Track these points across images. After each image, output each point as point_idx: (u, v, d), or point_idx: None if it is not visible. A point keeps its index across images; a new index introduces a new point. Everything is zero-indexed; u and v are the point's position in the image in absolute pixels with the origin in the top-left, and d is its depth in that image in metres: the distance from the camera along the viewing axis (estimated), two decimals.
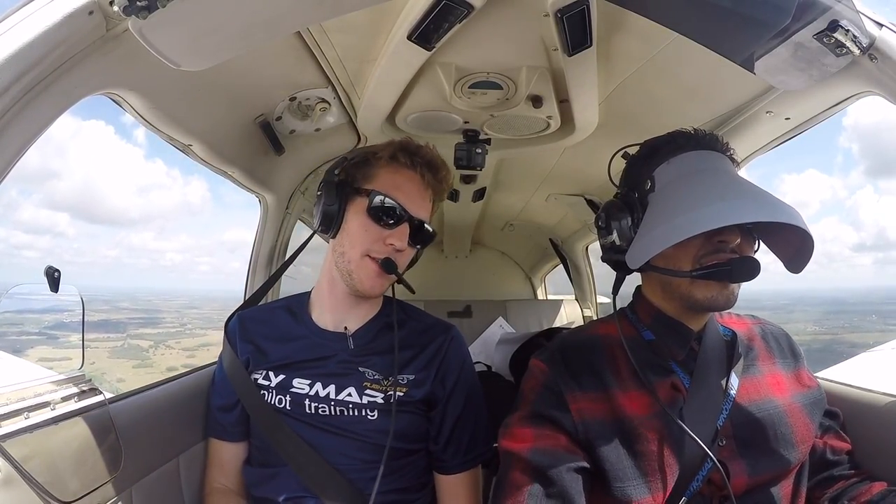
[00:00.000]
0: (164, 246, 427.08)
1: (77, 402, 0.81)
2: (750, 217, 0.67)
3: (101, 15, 0.63)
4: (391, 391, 0.93)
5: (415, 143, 0.99)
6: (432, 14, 0.81)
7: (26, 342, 1.52)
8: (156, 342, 54.75)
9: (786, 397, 0.79)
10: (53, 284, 0.79)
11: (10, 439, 0.65)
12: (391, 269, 0.92)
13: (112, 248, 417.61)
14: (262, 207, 1.47)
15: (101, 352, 49.34)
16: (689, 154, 0.77)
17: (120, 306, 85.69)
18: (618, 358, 0.79)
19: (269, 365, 0.96)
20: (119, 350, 51.95)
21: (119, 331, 60.38)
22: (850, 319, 61.88)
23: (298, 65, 1.04)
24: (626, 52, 0.99)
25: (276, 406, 0.93)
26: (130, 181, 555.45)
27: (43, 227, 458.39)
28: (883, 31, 0.67)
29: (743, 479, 0.72)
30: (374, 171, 0.95)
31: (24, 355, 1.71)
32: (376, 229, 0.92)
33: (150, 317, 73.03)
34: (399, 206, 0.92)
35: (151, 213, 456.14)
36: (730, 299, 0.74)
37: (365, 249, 0.92)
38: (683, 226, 0.68)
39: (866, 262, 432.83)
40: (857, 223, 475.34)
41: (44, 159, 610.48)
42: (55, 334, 1.15)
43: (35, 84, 0.60)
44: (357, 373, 0.94)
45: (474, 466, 1.00)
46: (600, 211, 0.82)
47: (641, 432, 0.72)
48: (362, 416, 0.92)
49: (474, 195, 1.97)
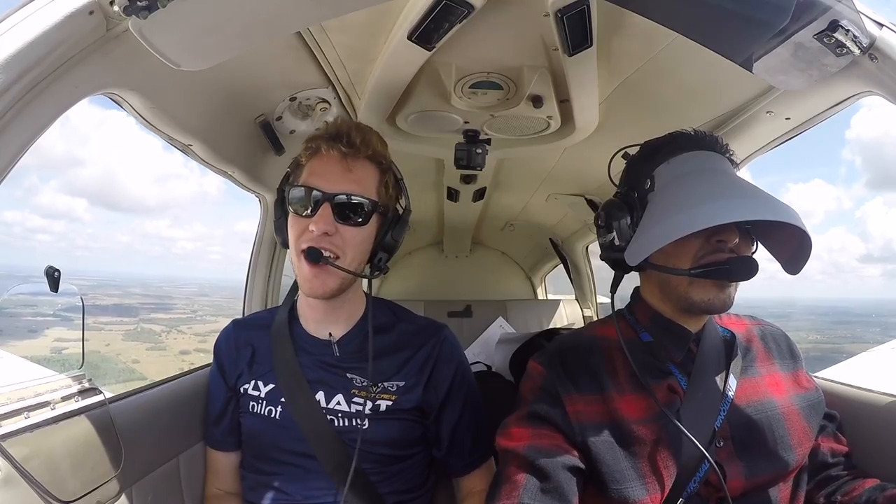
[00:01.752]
0: (177, 234, 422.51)
1: (77, 401, 0.81)
2: (749, 215, 0.68)
3: (101, 15, 0.63)
4: (379, 400, 0.91)
5: (327, 124, 0.92)
6: (432, 14, 0.81)
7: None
8: (168, 327, 54.93)
9: (784, 399, 0.79)
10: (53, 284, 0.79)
11: (10, 439, 0.65)
12: (314, 256, 0.84)
13: (125, 235, 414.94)
14: (263, 207, 1.47)
15: (115, 334, 49.63)
16: (688, 154, 0.78)
17: (131, 291, 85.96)
18: (615, 360, 0.79)
19: (257, 375, 0.95)
20: (133, 333, 52.09)
21: (132, 315, 60.48)
22: (853, 330, 61.92)
23: (298, 65, 1.04)
24: (627, 52, 0.99)
25: (267, 416, 0.92)
26: (150, 170, 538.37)
27: (59, 212, 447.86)
28: (883, 31, 0.67)
29: (740, 481, 0.72)
30: (300, 170, 0.91)
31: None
32: (300, 222, 0.86)
33: (162, 302, 73.22)
34: (311, 188, 0.85)
35: (168, 201, 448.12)
36: (726, 302, 0.74)
37: (297, 246, 0.87)
38: (683, 223, 0.69)
39: (874, 274, 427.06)
40: (864, 234, 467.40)
41: (68, 147, 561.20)
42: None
43: (35, 84, 0.60)
44: (345, 379, 0.92)
45: (484, 462, 0.98)
46: (600, 210, 0.82)
47: (638, 434, 0.73)
48: (353, 425, 0.89)
49: (474, 195, 1.97)
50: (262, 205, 1.47)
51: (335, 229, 0.85)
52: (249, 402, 0.94)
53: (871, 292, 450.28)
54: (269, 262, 1.50)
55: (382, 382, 0.92)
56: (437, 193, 2.03)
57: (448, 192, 1.94)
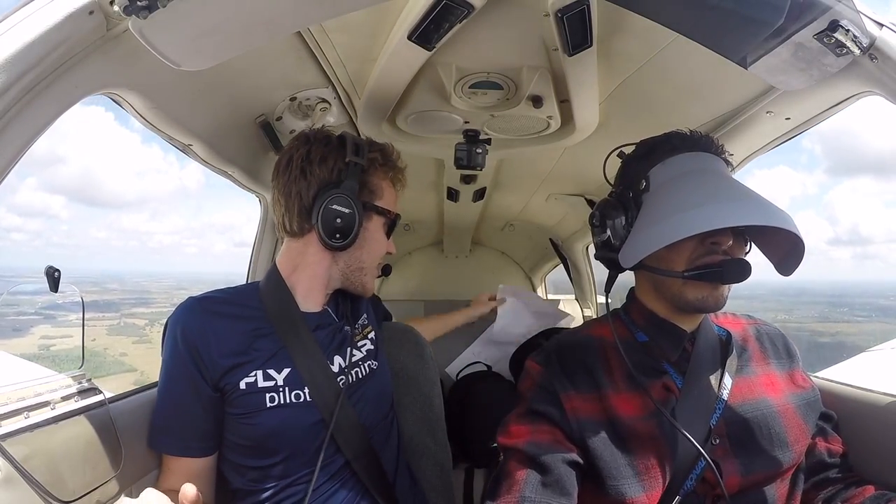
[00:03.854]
0: (154, 228, 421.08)
1: (77, 401, 0.81)
2: (742, 220, 0.68)
3: (101, 15, 0.63)
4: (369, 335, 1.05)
5: (394, 153, 1.04)
6: (432, 14, 0.81)
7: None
8: (150, 320, 55.10)
9: (780, 397, 0.79)
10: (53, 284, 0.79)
11: (9, 439, 0.65)
12: (389, 272, 1.06)
13: (102, 231, 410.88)
14: (263, 207, 1.47)
15: (99, 329, 49.99)
16: (684, 155, 0.78)
17: (109, 287, 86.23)
18: (611, 359, 0.80)
19: (260, 364, 0.88)
20: (117, 328, 52.44)
21: (113, 310, 60.80)
22: (820, 310, 62.74)
23: (298, 65, 1.04)
24: (627, 52, 0.99)
25: (297, 402, 0.87)
26: (129, 165, 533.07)
27: (36, 210, 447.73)
28: (883, 31, 0.67)
29: (736, 479, 0.72)
30: (374, 182, 0.99)
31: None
32: (384, 242, 1.02)
33: (141, 297, 73.60)
34: (398, 220, 1.03)
35: (147, 196, 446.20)
36: (719, 301, 0.75)
37: (378, 262, 1.02)
38: (676, 227, 0.69)
39: (845, 256, 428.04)
40: (832, 218, 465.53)
41: (49, 145, 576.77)
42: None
43: (35, 84, 0.60)
44: (343, 333, 1.00)
45: None
46: (595, 209, 0.82)
47: (634, 432, 0.73)
48: (359, 378, 0.97)
49: (474, 195, 1.97)
50: (263, 205, 1.47)
51: None
52: (266, 396, 0.86)
53: (841, 274, 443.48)
54: (270, 261, 1.49)
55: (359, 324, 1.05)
56: (437, 193, 2.03)
57: (448, 192, 1.95)
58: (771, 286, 15.61)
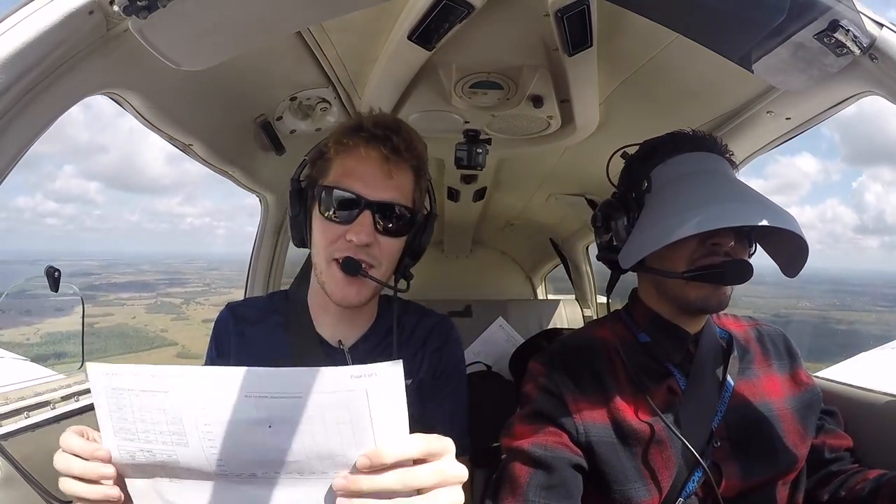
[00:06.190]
0: (186, 211, 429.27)
1: (77, 401, 0.81)
2: (743, 221, 0.68)
3: (101, 15, 0.63)
4: None
5: (363, 117, 0.83)
6: (432, 14, 0.81)
7: None
8: (186, 299, 55.81)
9: (781, 400, 0.79)
10: (53, 284, 0.79)
11: (10, 439, 0.65)
12: (352, 269, 0.77)
13: (135, 214, 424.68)
14: (263, 207, 1.47)
15: (137, 308, 50.83)
16: (687, 155, 0.78)
17: (142, 269, 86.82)
18: (615, 361, 0.79)
19: None
20: (154, 306, 53.06)
21: (149, 290, 61.57)
22: (843, 298, 62.91)
23: (299, 65, 1.04)
24: (627, 52, 0.98)
25: None
26: (168, 150, 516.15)
27: (73, 195, 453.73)
28: (883, 31, 0.67)
29: (736, 482, 0.72)
30: (327, 165, 0.82)
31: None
32: (334, 228, 0.79)
33: (175, 278, 73.99)
34: (350, 193, 0.77)
35: (183, 179, 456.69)
36: (722, 301, 0.74)
37: (328, 254, 0.79)
38: (677, 227, 0.69)
39: (873, 245, 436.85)
40: (860, 206, 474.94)
41: (91, 134, 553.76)
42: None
43: (35, 84, 0.60)
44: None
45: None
46: (597, 210, 0.82)
47: (640, 435, 0.73)
48: None
49: (475, 195, 1.97)
50: (263, 205, 1.47)
51: (374, 239, 0.79)
52: None
53: (870, 263, 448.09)
54: (270, 260, 1.50)
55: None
56: (438, 193, 2.02)
57: (448, 192, 1.95)
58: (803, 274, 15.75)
